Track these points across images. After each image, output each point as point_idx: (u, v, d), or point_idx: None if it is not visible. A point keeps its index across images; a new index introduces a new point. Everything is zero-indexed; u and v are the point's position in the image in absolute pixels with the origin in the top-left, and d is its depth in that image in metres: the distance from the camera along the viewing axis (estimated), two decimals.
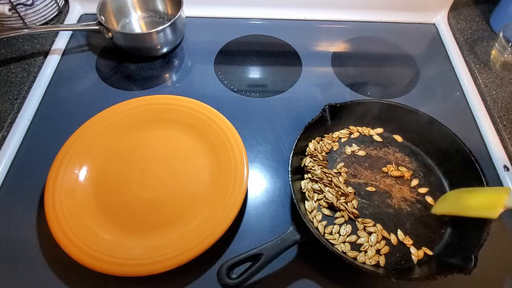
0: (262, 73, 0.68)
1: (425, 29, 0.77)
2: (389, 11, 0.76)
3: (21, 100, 0.61)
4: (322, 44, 0.73)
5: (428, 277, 0.40)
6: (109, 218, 0.48)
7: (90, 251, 0.44)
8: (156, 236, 0.47)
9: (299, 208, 0.45)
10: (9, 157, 0.55)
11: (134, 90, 0.65)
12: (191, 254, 0.44)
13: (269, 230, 0.49)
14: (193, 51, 0.71)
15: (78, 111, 0.60)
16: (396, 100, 0.63)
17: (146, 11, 0.74)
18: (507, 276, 0.46)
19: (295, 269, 0.46)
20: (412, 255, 0.46)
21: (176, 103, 0.58)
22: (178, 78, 0.67)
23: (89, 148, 0.53)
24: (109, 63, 0.69)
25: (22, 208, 0.51)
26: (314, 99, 0.64)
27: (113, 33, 0.64)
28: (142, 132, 0.56)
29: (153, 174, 0.52)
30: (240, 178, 0.50)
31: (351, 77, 0.67)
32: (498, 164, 0.56)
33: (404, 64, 0.70)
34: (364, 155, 0.54)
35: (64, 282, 0.45)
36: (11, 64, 0.65)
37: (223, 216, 0.47)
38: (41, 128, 0.59)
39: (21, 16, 0.67)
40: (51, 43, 0.70)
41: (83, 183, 0.51)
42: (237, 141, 0.53)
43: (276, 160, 0.56)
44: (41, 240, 0.48)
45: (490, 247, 0.42)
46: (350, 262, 0.42)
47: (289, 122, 0.60)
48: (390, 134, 0.57)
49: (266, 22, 0.76)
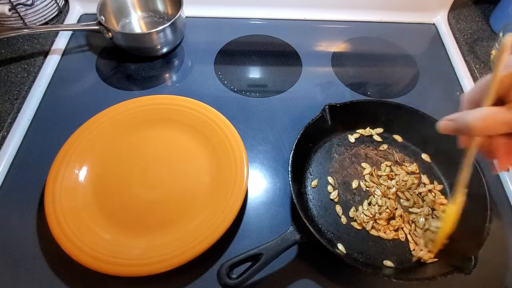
0: (262, 73, 0.68)
1: (425, 29, 0.77)
2: (389, 11, 0.76)
3: (21, 100, 0.61)
4: (322, 44, 0.73)
5: (428, 277, 0.40)
6: (109, 218, 0.48)
7: (90, 251, 0.44)
8: (156, 236, 0.47)
9: (299, 208, 0.45)
10: (9, 157, 0.55)
11: (134, 90, 0.65)
12: (191, 254, 0.44)
13: (269, 230, 0.49)
14: (193, 51, 0.71)
15: (78, 111, 0.60)
16: (396, 100, 0.63)
17: (146, 11, 0.74)
18: (507, 276, 0.46)
19: (295, 269, 0.46)
20: (412, 255, 0.46)
21: (176, 103, 0.58)
22: (178, 78, 0.67)
23: (89, 148, 0.53)
24: (109, 63, 0.69)
25: (22, 208, 0.51)
26: (314, 99, 0.64)
27: (113, 33, 0.64)
28: (142, 132, 0.56)
29: (153, 174, 0.52)
30: (240, 178, 0.50)
31: (351, 77, 0.67)
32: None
33: (404, 64, 0.70)
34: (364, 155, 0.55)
35: (64, 282, 0.45)
36: (11, 64, 0.65)
37: (223, 216, 0.47)
38: (41, 128, 0.59)
39: (21, 16, 0.67)
40: (51, 43, 0.70)
41: (83, 183, 0.51)
42: (237, 141, 0.53)
43: (276, 160, 0.56)
44: (41, 240, 0.48)
45: (490, 247, 0.42)
46: (350, 262, 0.42)
47: (289, 122, 0.60)
48: (390, 134, 0.57)
49: (266, 22, 0.76)
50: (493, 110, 0.29)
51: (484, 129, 0.29)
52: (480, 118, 0.29)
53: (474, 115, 0.29)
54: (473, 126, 0.29)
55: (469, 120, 0.29)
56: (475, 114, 0.29)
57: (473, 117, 0.29)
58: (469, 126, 0.29)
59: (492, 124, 0.29)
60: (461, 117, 0.30)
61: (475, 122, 0.29)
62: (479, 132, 0.29)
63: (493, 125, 0.29)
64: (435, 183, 0.52)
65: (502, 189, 0.54)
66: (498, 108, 0.29)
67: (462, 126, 0.30)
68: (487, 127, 0.29)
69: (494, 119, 0.28)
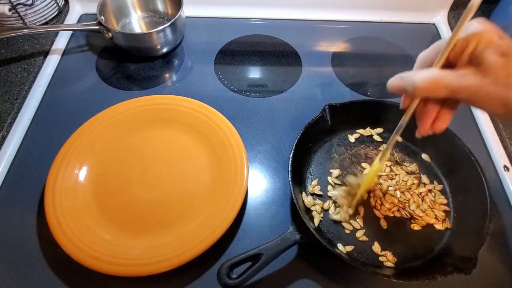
0: (262, 73, 0.68)
1: (425, 29, 0.77)
2: (389, 11, 0.76)
3: (21, 100, 0.61)
4: (322, 44, 0.73)
5: (428, 277, 0.40)
6: (109, 218, 0.48)
7: (90, 251, 0.44)
8: (156, 236, 0.47)
9: (299, 208, 0.45)
10: (9, 157, 0.55)
11: (134, 90, 0.65)
12: (191, 254, 0.44)
13: (269, 230, 0.49)
14: (193, 51, 0.71)
15: (78, 111, 0.60)
16: (396, 100, 0.63)
17: (146, 11, 0.74)
18: (507, 276, 0.46)
19: (295, 269, 0.46)
20: None
21: (176, 103, 0.58)
22: (178, 78, 0.67)
23: (89, 148, 0.53)
24: (109, 63, 0.69)
25: (22, 208, 0.51)
26: (314, 99, 0.64)
27: (113, 33, 0.64)
28: (142, 132, 0.56)
29: (153, 174, 0.52)
30: (240, 178, 0.50)
31: (351, 77, 0.67)
32: (498, 164, 0.56)
33: (404, 64, 0.70)
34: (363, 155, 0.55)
35: (64, 282, 0.45)
36: (11, 64, 0.65)
37: (223, 216, 0.47)
38: (41, 128, 0.59)
39: (21, 16, 0.67)
40: (51, 43, 0.70)
41: (83, 183, 0.51)
42: (237, 141, 0.53)
43: (276, 160, 0.56)
44: (41, 240, 0.48)
45: (490, 247, 0.42)
46: (350, 262, 0.42)
47: (289, 122, 0.60)
48: (390, 134, 0.57)
49: (266, 22, 0.76)
50: (440, 73, 0.29)
51: (427, 90, 0.29)
52: (425, 79, 0.29)
53: (421, 75, 0.29)
54: (418, 86, 0.29)
55: (415, 79, 0.29)
56: (422, 75, 0.29)
57: (420, 77, 0.29)
58: (414, 86, 0.29)
59: (435, 86, 0.28)
60: (408, 76, 0.30)
61: (420, 83, 0.29)
62: (421, 92, 0.29)
63: (437, 87, 0.28)
64: (435, 183, 0.52)
65: (502, 189, 0.54)
66: (445, 72, 0.29)
67: (408, 85, 0.30)
68: (430, 89, 0.29)
69: (438, 82, 0.28)
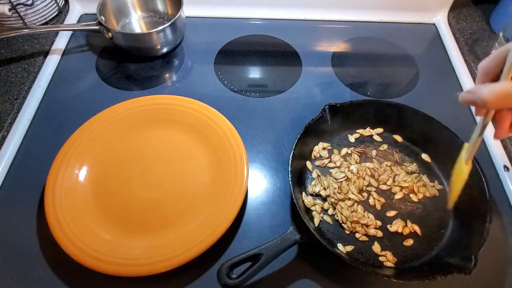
0: (262, 73, 0.68)
1: (425, 29, 0.77)
2: (389, 11, 0.76)
3: (21, 100, 0.61)
4: (322, 44, 0.73)
5: (428, 277, 0.40)
6: (109, 218, 0.48)
7: (90, 251, 0.44)
8: (156, 236, 0.47)
9: (299, 208, 0.45)
10: (9, 157, 0.55)
11: (134, 90, 0.65)
12: (191, 254, 0.44)
13: (269, 230, 0.49)
14: (193, 51, 0.71)
15: (78, 111, 0.60)
16: (396, 100, 0.63)
17: (146, 11, 0.74)
18: (507, 276, 0.46)
19: (295, 269, 0.46)
20: None
21: (176, 103, 0.58)
22: (178, 78, 0.67)
23: (89, 148, 0.53)
24: (109, 63, 0.69)
25: (22, 208, 0.51)
26: (314, 99, 0.64)
27: (113, 33, 0.64)
28: (142, 132, 0.56)
29: (153, 174, 0.52)
30: (240, 178, 0.50)
31: (351, 77, 0.67)
32: (498, 164, 0.56)
33: (404, 64, 0.70)
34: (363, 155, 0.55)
35: (64, 282, 0.45)
36: (11, 64, 0.65)
37: (223, 216, 0.47)
38: (41, 128, 0.59)
39: (21, 16, 0.67)
40: (51, 43, 0.70)
41: (83, 183, 0.51)
42: (237, 141, 0.53)
43: (276, 160, 0.56)
44: (41, 240, 0.48)
45: (490, 247, 0.42)
46: (350, 262, 0.42)
47: (289, 122, 0.60)
48: (390, 134, 0.57)
49: (266, 22, 0.76)
50: (508, 86, 0.31)
51: (496, 104, 0.31)
52: (493, 93, 0.31)
53: (490, 90, 0.31)
54: (487, 100, 0.31)
55: (483, 94, 0.31)
56: (490, 89, 0.31)
57: (488, 91, 0.31)
58: (483, 100, 0.31)
59: (504, 100, 0.31)
60: (477, 91, 0.32)
61: (488, 97, 0.31)
62: (491, 106, 0.32)
63: (505, 100, 0.31)
64: (435, 183, 0.52)
65: (502, 189, 0.54)
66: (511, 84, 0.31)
67: (477, 100, 0.32)
68: (499, 102, 0.31)
69: (507, 95, 0.31)
